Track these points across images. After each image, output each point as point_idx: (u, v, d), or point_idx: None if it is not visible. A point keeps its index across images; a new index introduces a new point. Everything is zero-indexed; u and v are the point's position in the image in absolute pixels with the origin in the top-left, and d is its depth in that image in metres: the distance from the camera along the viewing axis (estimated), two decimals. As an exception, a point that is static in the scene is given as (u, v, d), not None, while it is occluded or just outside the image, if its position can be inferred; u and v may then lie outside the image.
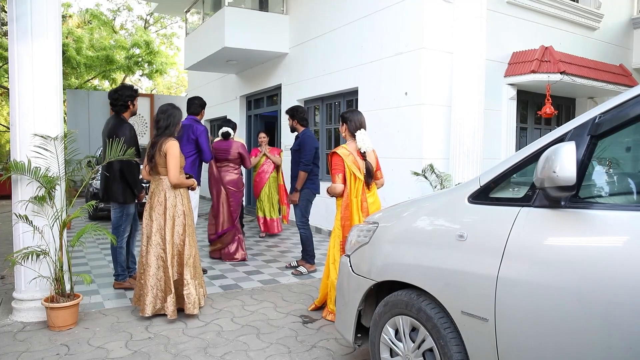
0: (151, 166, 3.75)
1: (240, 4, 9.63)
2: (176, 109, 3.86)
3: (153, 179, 3.78)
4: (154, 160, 3.70)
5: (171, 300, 3.60)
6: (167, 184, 3.70)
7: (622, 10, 8.36)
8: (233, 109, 11.01)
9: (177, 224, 3.70)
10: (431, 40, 5.81)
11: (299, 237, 7.13)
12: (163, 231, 3.66)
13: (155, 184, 3.74)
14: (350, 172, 3.65)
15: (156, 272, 3.65)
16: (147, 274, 3.63)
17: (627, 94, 1.64)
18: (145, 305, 3.59)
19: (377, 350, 2.44)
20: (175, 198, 3.71)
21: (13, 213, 3.57)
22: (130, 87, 4.41)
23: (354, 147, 3.73)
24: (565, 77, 6.14)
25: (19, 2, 3.47)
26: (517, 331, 1.72)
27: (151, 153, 3.72)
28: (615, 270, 1.48)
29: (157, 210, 3.68)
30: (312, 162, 4.95)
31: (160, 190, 3.70)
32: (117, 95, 4.29)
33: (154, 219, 3.68)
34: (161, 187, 3.70)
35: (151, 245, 3.66)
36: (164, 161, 3.67)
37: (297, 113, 5.08)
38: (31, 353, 3.03)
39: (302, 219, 5.02)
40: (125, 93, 4.30)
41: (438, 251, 2.07)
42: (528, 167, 1.85)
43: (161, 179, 3.71)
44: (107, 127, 4.33)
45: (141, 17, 23.77)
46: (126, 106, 4.32)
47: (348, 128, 3.79)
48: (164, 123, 3.76)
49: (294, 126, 5.11)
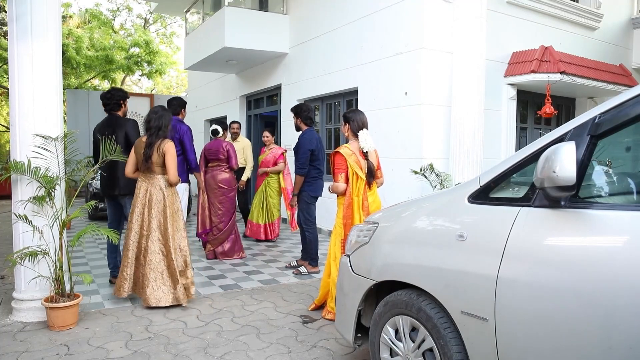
0: (147, 166, 3.87)
1: (240, 4, 9.63)
2: (166, 111, 4.05)
3: (146, 178, 3.92)
4: (151, 160, 3.83)
5: (181, 290, 3.88)
6: (163, 182, 3.91)
7: (622, 10, 8.36)
8: (233, 109, 11.01)
9: (177, 220, 3.98)
10: (431, 40, 5.81)
11: (299, 237, 7.17)
12: (163, 227, 3.88)
13: (148, 182, 3.91)
14: (352, 171, 3.66)
15: (156, 265, 3.85)
16: (148, 267, 3.84)
17: (627, 94, 1.63)
18: (148, 296, 3.81)
19: (377, 350, 2.44)
20: (172, 195, 3.97)
21: (13, 213, 3.57)
22: (121, 89, 4.63)
23: (356, 146, 3.75)
24: (565, 77, 6.14)
25: (18, 2, 3.47)
26: (517, 331, 1.72)
27: (148, 153, 3.83)
28: (616, 270, 1.48)
29: (156, 208, 3.87)
30: (311, 164, 4.87)
31: (158, 189, 3.89)
32: (109, 95, 4.48)
33: (153, 216, 3.85)
34: (158, 185, 3.89)
35: (152, 240, 3.85)
36: (162, 161, 3.86)
37: (302, 111, 5.00)
38: (31, 353, 3.03)
39: (305, 221, 5.01)
40: (117, 94, 4.51)
41: (438, 251, 2.07)
42: (528, 167, 1.85)
43: (156, 178, 3.90)
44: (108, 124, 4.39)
45: (141, 16, 23.79)
46: (119, 104, 4.49)
47: (351, 128, 3.80)
48: (155, 123, 3.90)
49: (298, 124, 5.04)
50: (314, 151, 4.86)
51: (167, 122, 3.96)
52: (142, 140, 3.95)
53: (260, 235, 6.83)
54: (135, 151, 3.98)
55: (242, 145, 7.31)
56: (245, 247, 6.45)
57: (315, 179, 4.95)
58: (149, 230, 3.84)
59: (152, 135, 3.87)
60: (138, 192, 3.92)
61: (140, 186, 3.92)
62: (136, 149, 3.97)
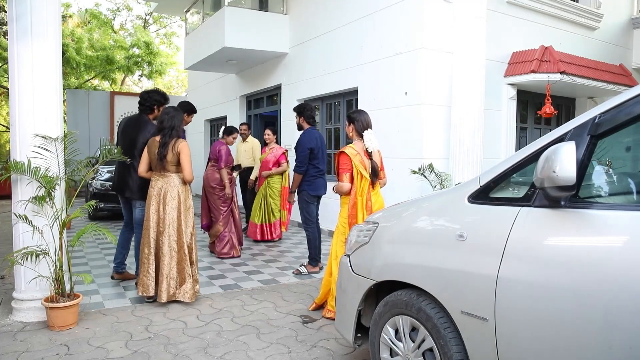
0: (162, 165, 3.97)
1: (240, 4, 9.63)
2: (178, 111, 4.13)
3: (160, 176, 4.02)
4: (166, 159, 3.94)
5: (190, 285, 4.00)
6: (177, 180, 4.02)
7: (622, 10, 8.36)
8: (233, 108, 11.02)
9: (189, 217, 4.09)
10: (431, 40, 5.81)
11: (299, 238, 7.19)
12: (176, 223, 4.00)
13: (163, 181, 4.01)
14: (357, 171, 3.68)
15: (169, 261, 3.96)
16: (162, 263, 3.94)
17: (626, 93, 1.63)
18: (162, 292, 3.91)
19: (377, 350, 2.44)
20: (186, 193, 4.09)
21: (13, 213, 3.57)
22: (162, 94, 4.57)
23: (360, 146, 3.77)
24: (565, 77, 6.14)
25: (18, 2, 3.47)
26: (517, 331, 1.72)
27: (162, 152, 3.94)
28: (616, 270, 1.48)
29: (170, 205, 3.98)
30: (310, 163, 4.89)
31: (173, 187, 4.00)
32: (147, 96, 4.49)
33: (167, 213, 3.97)
34: (172, 183, 4.00)
35: (165, 237, 3.96)
36: (176, 160, 3.98)
37: (305, 110, 5.03)
38: (31, 353, 3.03)
39: (304, 220, 5.02)
40: (154, 97, 4.48)
41: (438, 251, 2.07)
42: (528, 167, 1.85)
43: (171, 176, 4.01)
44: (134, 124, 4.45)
45: (140, 16, 23.78)
46: (151, 109, 4.48)
47: (356, 128, 3.82)
48: (167, 123, 4.00)
49: (301, 124, 5.06)
50: (314, 149, 4.87)
51: (179, 121, 4.07)
52: (155, 140, 4.03)
53: (256, 236, 6.81)
54: (148, 150, 4.07)
55: (250, 145, 7.42)
56: (246, 247, 6.46)
57: (315, 177, 4.94)
58: (163, 226, 3.97)
59: (166, 135, 3.97)
60: (152, 190, 4.01)
61: (155, 185, 4.02)
62: (150, 149, 4.06)
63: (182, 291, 3.98)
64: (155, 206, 3.98)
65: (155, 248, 4.00)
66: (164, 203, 3.96)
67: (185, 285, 3.99)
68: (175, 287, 3.98)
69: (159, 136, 4.01)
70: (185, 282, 4.00)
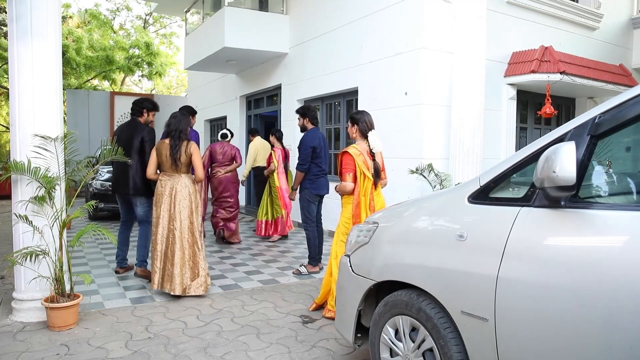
0: (176, 166, 4.18)
1: (240, 4, 9.63)
2: (184, 115, 4.39)
3: (170, 177, 4.21)
4: (180, 160, 4.16)
5: (203, 279, 4.20)
6: (187, 180, 4.23)
7: (622, 10, 8.36)
8: (233, 109, 11.02)
9: (198, 215, 4.29)
10: (431, 40, 5.81)
11: (299, 238, 7.19)
12: (188, 221, 4.18)
13: (174, 181, 4.20)
14: (360, 171, 3.69)
15: (182, 256, 4.14)
16: (175, 258, 4.11)
17: (626, 94, 1.63)
18: (176, 285, 4.09)
19: (377, 350, 2.44)
20: (195, 192, 4.30)
21: (13, 213, 3.57)
22: (152, 102, 4.92)
23: (363, 147, 3.79)
24: (565, 77, 6.14)
25: (18, 2, 3.47)
26: (517, 331, 1.72)
27: (175, 155, 4.14)
28: (615, 270, 1.48)
29: (182, 204, 4.16)
30: (313, 162, 4.93)
31: (184, 187, 4.20)
32: (138, 102, 4.83)
33: (179, 211, 4.15)
34: (183, 183, 4.20)
35: (177, 233, 4.13)
36: (188, 161, 4.20)
37: (309, 112, 5.15)
38: (31, 353, 3.03)
39: (304, 219, 5.03)
40: (144, 103, 4.83)
41: (438, 251, 2.07)
42: (528, 167, 1.85)
43: (182, 177, 4.21)
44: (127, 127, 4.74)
45: (140, 16, 23.77)
46: (141, 112, 4.78)
47: (359, 129, 3.84)
48: (175, 127, 4.20)
49: (304, 125, 5.13)
50: (316, 148, 4.94)
51: (185, 125, 4.29)
52: (164, 142, 4.22)
53: (260, 232, 7.10)
54: (158, 153, 4.26)
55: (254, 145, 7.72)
56: (246, 246, 6.47)
57: (317, 176, 4.99)
58: (175, 224, 4.14)
59: (175, 138, 4.18)
60: (163, 190, 4.18)
61: (166, 184, 4.20)
62: (160, 151, 4.24)
63: (195, 285, 4.17)
64: (166, 205, 4.16)
65: (165, 245, 4.18)
66: (174, 202, 4.15)
67: (199, 279, 4.18)
68: (189, 281, 4.16)
69: (168, 139, 4.20)
70: (198, 276, 4.19)
